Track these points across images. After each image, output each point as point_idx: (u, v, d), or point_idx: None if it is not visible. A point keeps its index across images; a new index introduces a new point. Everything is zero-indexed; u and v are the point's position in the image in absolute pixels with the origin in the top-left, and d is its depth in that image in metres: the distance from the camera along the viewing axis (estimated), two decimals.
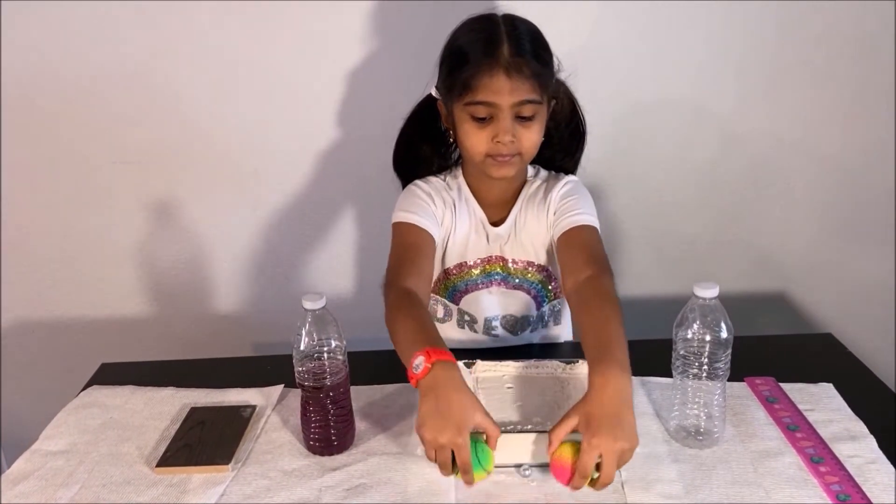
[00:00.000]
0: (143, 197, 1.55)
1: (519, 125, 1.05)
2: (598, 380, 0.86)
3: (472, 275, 1.20)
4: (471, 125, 1.06)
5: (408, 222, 1.13)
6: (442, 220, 1.17)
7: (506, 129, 1.04)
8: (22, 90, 1.45)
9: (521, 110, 1.04)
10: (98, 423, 1.04)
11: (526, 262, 1.20)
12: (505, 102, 1.02)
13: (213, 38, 1.43)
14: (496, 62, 1.01)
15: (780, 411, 1.02)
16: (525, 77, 1.02)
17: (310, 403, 0.95)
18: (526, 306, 1.22)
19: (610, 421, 0.83)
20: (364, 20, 1.42)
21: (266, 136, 1.51)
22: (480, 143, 1.06)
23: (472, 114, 1.05)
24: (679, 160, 1.57)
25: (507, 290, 1.21)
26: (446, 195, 1.18)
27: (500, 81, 1.01)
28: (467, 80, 1.02)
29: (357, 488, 0.90)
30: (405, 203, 1.16)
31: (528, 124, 1.05)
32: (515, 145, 1.05)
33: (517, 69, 1.01)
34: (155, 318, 1.65)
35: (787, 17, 1.45)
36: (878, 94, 1.52)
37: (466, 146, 1.08)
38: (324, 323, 0.92)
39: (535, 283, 1.21)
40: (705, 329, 0.91)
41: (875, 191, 1.61)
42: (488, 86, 1.02)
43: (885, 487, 0.87)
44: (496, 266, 1.20)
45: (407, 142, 1.20)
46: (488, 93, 1.02)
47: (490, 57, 1.02)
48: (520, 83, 1.02)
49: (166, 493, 0.90)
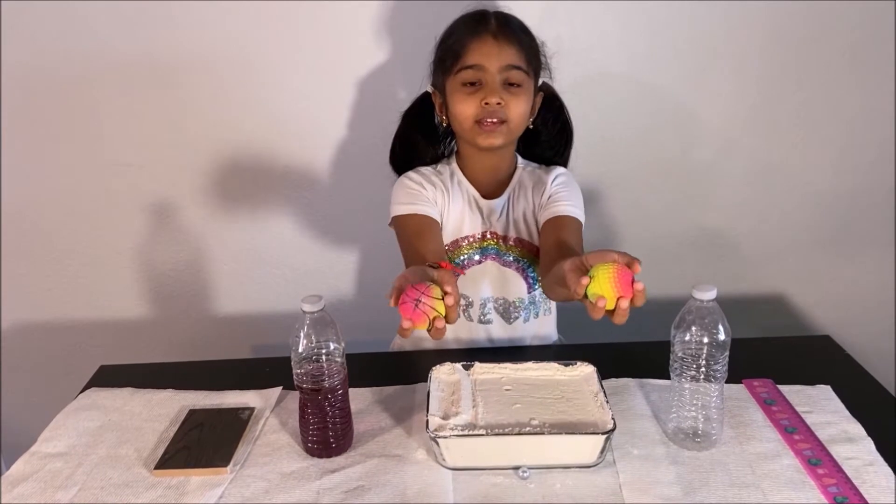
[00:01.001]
0: (142, 199, 1.55)
1: (506, 92, 1.10)
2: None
3: (468, 250, 1.22)
4: (461, 93, 1.11)
5: (407, 213, 1.16)
6: (435, 200, 1.20)
7: (493, 91, 1.10)
8: (22, 91, 1.45)
9: (508, 76, 1.11)
10: (97, 426, 1.04)
11: (516, 238, 1.22)
12: (493, 65, 1.10)
13: (212, 39, 1.43)
14: (484, 29, 1.11)
15: (777, 413, 1.02)
16: (512, 43, 1.10)
17: (308, 406, 0.95)
18: (518, 288, 1.24)
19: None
20: (365, 21, 1.43)
21: (265, 137, 1.51)
22: (469, 107, 1.11)
23: (461, 80, 1.11)
24: (677, 162, 1.57)
25: (500, 268, 1.23)
26: (436, 179, 1.22)
27: (487, 45, 1.10)
28: (457, 48, 1.11)
29: (355, 490, 0.90)
30: (399, 196, 1.19)
31: (515, 91, 1.11)
32: (503, 110, 1.10)
33: (504, 35, 1.11)
34: (154, 320, 1.65)
35: (785, 17, 1.45)
36: (877, 94, 1.53)
37: (456, 114, 1.13)
38: (322, 325, 0.93)
39: (525, 262, 1.23)
40: (703, 331, 0.91)
41: (874, 193, 1.61)
42: (477, 49, 1.10)
43: (882, 489, 0.87)
44: (490, 241, 1.22)
45: (402, 135, 1.25)
46: (477, 55, 1.10)
47: (479, 25, 1.11)
48: (507, 47, 1.10)
49: (165, 495, 0.90)
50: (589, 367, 1.04)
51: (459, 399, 1.00)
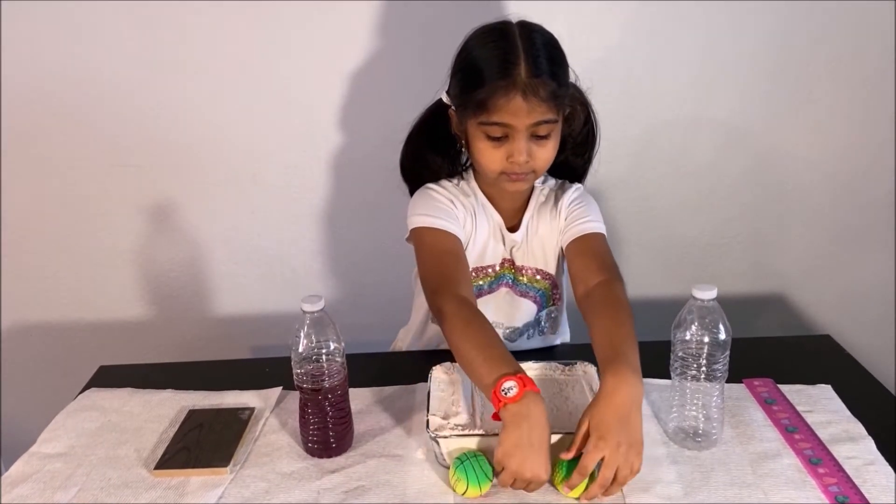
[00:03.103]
0: (141, 200, 1.55)
1: (534, 144, 1.04)
2: (610, 381, 0.87)
3: (485, 280, 1.19)
4: (485, 144, 1.04)
5: (436, 227, 1.11)
6: (464, 224, 1.15)
7: (521, 150, 1.02)
8: (22, 93, 1.44)
9: (537, 130, 1.02)
10: (96, 426, 1.04)
11: (535, 269, 1.19)
12: (521, 124, 1.01)
13: (212, 41, 1.43)
14: (513, 84, 0.98)
15: (778, 413, 1.02)
16: (542, 99, 0.99)
17: (308, 406, 0.95)
18: (527, 314, 1.22)
19: (618, 426, 0.84)
20: (365, 22, 1.42)
21: (265, 138, 1.51)
22: (495, 161, 1.05)
23: (486, 133, 1.03)
24: (678, 162, 1.57)
25: (514, 297, 1.21)
26: (465, 200, 1.16)
27: (516, 103, 0.99)
28: (483, 100, 1.00)
29: (355, 490, 0.90)
30: (426, 207, 1.13)
31: (543, 143, 1.04)
32: (530, 164, 1.05)
33: (534, 91, 0.99)
34: (153, 321, 1.65)
35: (785, 18, 1.45)
36: (877, 95, 1.53)
37: (481, 163, 1.07)
38: (322, 325, 0.92)
39: (540, 290, 1.21)
40: (704, 330, 0.91)
41: (874, 192, 1.61)
42: (504, 107, 0.99)
43: (883, 489, 0.87)
44: (507, 270, 1.20)
45: (415, 148, 1.18)
46: (504, 114, 1.00)
47: (507, 78, 0.98)
48: (536, 104, 0.99)
49: (165, 496, 0.90)
50: (589, 367, 1.04)
51: (459, 399, 1.00)
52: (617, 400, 0.85)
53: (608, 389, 0.86)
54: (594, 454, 0.83)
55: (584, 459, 0.84)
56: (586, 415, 0.87)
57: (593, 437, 0.84)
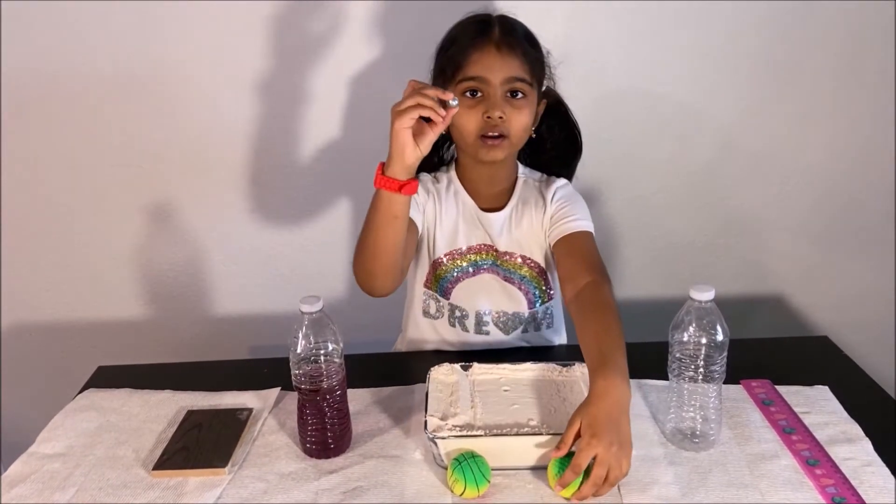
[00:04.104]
0: (140, 200, 1.55)
1: (509, 105, 1.08)
2: (600, 384, 0.88)
3: (462, 263, 1.21)
4: (462, 105, 1.07)
5: None
6: (424, 207, 1.19)
7: (496, 105, 1.07)
8: (21, 93, 1.45)
9: (512, 86, 1.07)
10: (95, 426, 1.04)
11: (521, 255, 1.20)
12: (496, 78, 1.06)
13: (211, 41, 1.43)
14: (487, 39, 1.07)
15: (776, 414, 1.02)
16: (515, 55, 1.07)
17: (306, 406, 0.95)
18: (517, 303, 1.23)
19: (610, 426, 0.85)
20: (363, 22, 1.43)
21: (264, 138, 1.51)
22: (471, 120, 1.09)
23: (463, 90, 1.08)
24: (675, 163, 1.57)
25: (499, 282, 1.21)
26: (431, 186, 1.21)
27: (490, 57, 1.07)
28: (459, 58, 1.08)
29: (354, 491, 0.90)
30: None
31: (518, 104, 1.09)
32: (505, 124, 1.08)
33: (508, 46, 1.07)
34: (152, 321, 1.65)
35: (784, 17, 1.45)
36: (876, 95, 1.53)
37: (458, 126, 1.10)
38: (321, 326, 0.93)
39: (529, 280, 1.21)
40: (701, 332, 0.91)
41: (872, 194, 1.61)
42: (479, 61, 1.07)
43: (880, 490, 0.87)
44: (487, 255, 1.21)
45: None
46: (479, 67, 1.07)
47: (481, 35, 1.08)
48: (510, 59, 1.07)
49: (163, 496, 0.90)
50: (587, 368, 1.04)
51: (458, 400, 1.01)
52: (608, 402, 0.86)
53: (598, 392, 0.87)
54: (587, 451, 0.84)
55: (578, 457, 0.84)
56: (577, 414, 0.87)
57: (586, 436, 0.85)
